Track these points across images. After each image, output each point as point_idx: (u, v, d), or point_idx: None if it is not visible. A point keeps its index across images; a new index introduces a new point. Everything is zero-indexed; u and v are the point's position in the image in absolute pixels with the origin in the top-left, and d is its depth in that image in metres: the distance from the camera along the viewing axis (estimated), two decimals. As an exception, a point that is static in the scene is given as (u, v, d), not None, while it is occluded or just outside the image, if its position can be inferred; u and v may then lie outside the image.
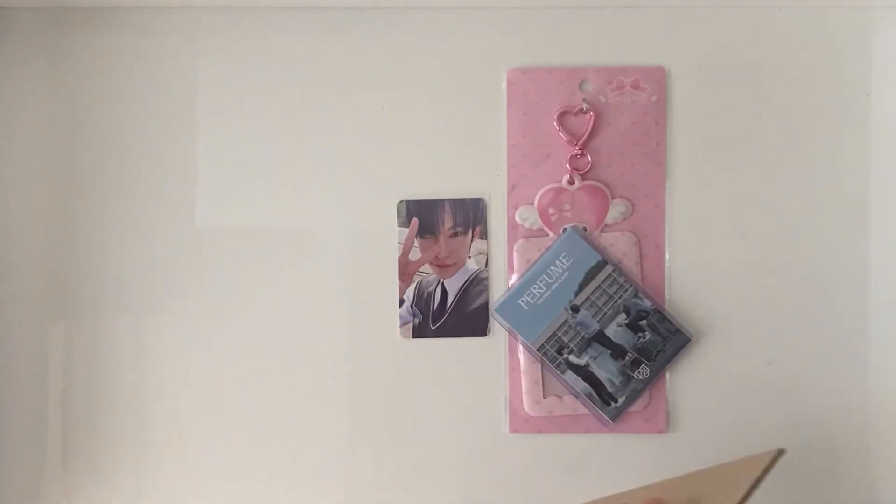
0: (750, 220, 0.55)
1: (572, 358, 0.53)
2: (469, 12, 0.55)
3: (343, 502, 0.55)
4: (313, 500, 0.55)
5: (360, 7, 0.54)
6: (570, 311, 0.53)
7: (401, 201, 0.55)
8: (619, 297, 0.53)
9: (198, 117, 0.55)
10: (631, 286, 0.53)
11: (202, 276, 0.55)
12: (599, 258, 0.53)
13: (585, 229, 0.54)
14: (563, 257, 0.53)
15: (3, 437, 0.55)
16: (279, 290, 0.55)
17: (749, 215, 0.55)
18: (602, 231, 0.54)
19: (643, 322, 0.53)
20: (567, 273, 0.53)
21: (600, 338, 0.53)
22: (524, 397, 0.54)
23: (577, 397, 0.54)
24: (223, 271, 0.55)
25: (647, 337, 0.53)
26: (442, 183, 0.55)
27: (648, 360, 0.53)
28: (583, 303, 0.53)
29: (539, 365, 0.54)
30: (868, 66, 0.55)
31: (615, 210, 0.54)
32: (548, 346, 0.53)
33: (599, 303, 0.53)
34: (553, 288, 0.53)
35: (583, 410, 0.54)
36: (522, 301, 0.53)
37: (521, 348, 0.54)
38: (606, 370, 0.53)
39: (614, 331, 0.53)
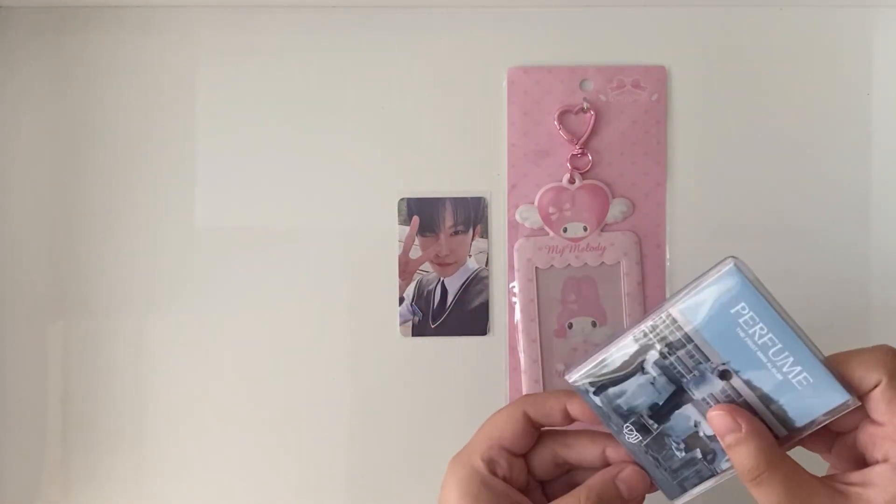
0: (751, 220, 0.55)
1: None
2: (469, 11, 0.55)
3: (343, 502, 0.55)
4: (313, 499, 0.55)
5: (360, 6, 0.54)
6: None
7: (401, 199, 0.55)
8: None
9: (198, 117, 0.55)
10: None
11: (202, 276, 0.55)
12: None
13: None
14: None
15: (3, 437, 0.55)
16: (279, 289, 0.55)
17: (750, 215, 0.55)
18: (602, 230, 0.54)
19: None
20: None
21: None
22: (525, 397, 0.54)
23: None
24: (223, 271, 0.55)
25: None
26: (443, 181, 0.55)
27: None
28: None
29: (539, 364, 0.54)
30: (868, 66, 0.55)
31: (616, 209, 0.54)
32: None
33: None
34: None
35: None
36: None
37: (521, 347, 0.54)
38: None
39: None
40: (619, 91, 0.55)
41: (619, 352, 0.39)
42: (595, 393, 0.40)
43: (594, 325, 0.55)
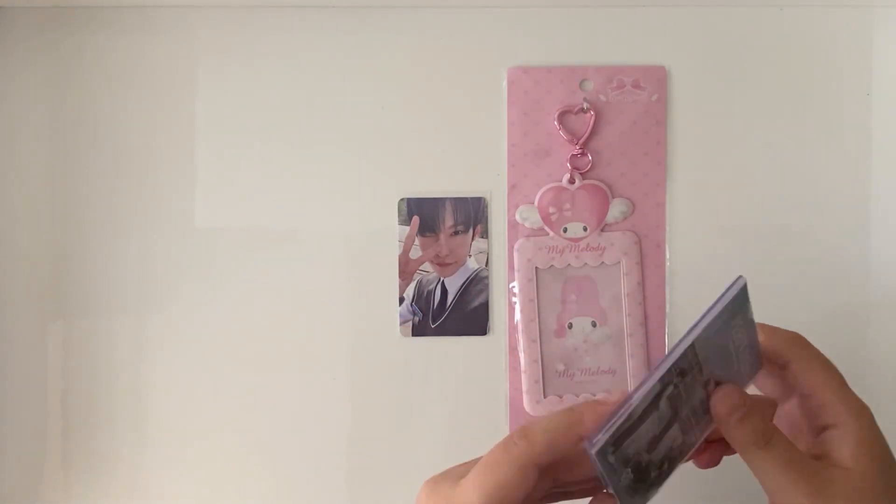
0: (750, 220, 0.55)
1: None
2: (469, 11, 0.55)
3: (343, 501, 0.55)
4: (313, 499, 0.55)
5: (360, 6, 0.54)
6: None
7: (401, 199, 0.55)
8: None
9: (198, 117, 0.55)
10: None
11: (202, 276, 0.55)
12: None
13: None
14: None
15: (2, 437, 0.55)
16: (279, 289, 0.55)
17: (749, 215, 0.55)
18: (602, 230, 0.54)
19: None
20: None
21: None
22: (524, 396, 0.54)
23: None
24: (223, 271, 0.55)
25: None
26: (443, 181, 0.55)
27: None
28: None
29: (540, 364, 0.54)
30: (868, 66, 0.55)
31: (616, 209, 0.54)
32: None
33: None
34: None
35: (583, 410, 0.54)
36: None
37: (521, 347, 0.54)
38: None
39: None
40: (619, 91, 0.55)
41: (643, 397, 0.36)
42: (614, 452, 0.36)
43: (594, 325, 0.55)
